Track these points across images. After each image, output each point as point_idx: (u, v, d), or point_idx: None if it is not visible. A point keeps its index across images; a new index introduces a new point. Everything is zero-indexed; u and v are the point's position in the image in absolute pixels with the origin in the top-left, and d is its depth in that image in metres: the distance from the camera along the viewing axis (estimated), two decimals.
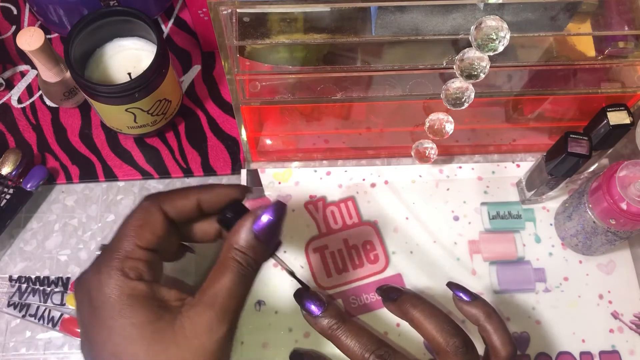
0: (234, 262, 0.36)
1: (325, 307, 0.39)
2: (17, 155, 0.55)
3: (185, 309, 0.35)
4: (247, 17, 0.42)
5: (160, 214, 0.38)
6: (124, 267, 0.35)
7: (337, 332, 0.39)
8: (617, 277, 0.53)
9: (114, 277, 0.35)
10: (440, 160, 0.56)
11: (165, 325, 0.34)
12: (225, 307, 0.35)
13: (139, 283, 0.35)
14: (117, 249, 0.36)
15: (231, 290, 0.36)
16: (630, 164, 0.45)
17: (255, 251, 0.37)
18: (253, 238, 0.37)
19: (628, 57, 0.46)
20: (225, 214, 0.40)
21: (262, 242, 0.37)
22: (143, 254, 0.36)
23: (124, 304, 0.34)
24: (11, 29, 0.63)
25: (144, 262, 0.36)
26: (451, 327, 0.39)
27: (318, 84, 0.47)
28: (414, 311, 0.40)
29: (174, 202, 0.39)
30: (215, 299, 0.35)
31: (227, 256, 0.37)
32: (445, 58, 0.44)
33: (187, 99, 0.60)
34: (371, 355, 0.38)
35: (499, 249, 0.53)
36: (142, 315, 0.34)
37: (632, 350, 0.50)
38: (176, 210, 0.39)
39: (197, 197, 0.39)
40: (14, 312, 0.51)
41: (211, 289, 0.36)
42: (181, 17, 0.64)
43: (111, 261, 0.36)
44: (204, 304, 0.35)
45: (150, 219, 0.37)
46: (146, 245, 0.37)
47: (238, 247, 0.37)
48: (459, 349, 0.38)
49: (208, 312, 0.35)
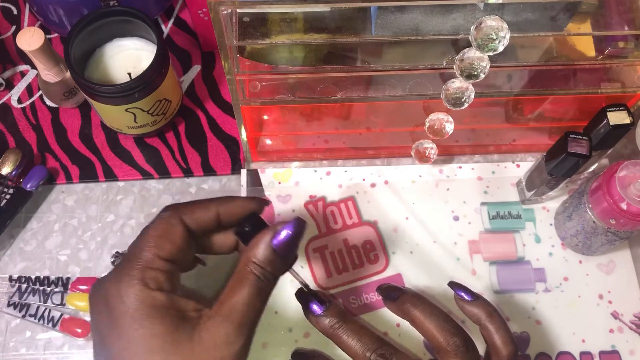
0: (252, 275, 0.37)
1: (327, 306, 0.39)
2: (17, 155, 0.55)
3: (203, 321, 0.36)
4: (247, 17, 0.42)
5: (181, 225, 0.38)
6: (144, 277, 0.35)
7: (338, 331, 0.39)
8: (617, 277, 0.53)
9: (134, 286, 0.35)
10: (440, 160, 0.56)
11: (183, 337, 0.35)
12: (242, 320, 0.36)
13: (159, 293, 0.35)
14: (137, 259, 0.36)
15: (249, 303, 0.36)
16: (630, 164, 0.45)
17: (273, 265, 0.37)
18: (272, 253, 0.37)
19: (628, 57, 0.46)
20: (243, 226, 0.40)
21: (280, 257, 0.38)
22: (163, 265, 0.36)
23: (143, 314, 0.34)
24: (11, 29, 0.63)
25: (163, 273, 0.36)
26: (451, 326, 0.39)
27: (318, 84, 0.47)
28: (414, 310, 0.40)
29: (194, 214, 0.39)
30: (233, 311, 0.36)
31: (245, 269, 0.37)
32: (445, 58, 0.44)
33: (187, 99, 0.60)
34: (373, 354, 0.38)
35: (499, 249, 0.53)
36: (161, 326, 0.34)
37: (632, 350, 0.50)
38: (196, 222, 0.39)
39: (217, 209, 0.40)
40: (14, 312, 0.51)
41: (229, 301, 0.36)
42: (181, 17, 0.64)
43: (131, 270, 0.36)
44: (222, 316, 0.36)
45: (170, 229, 0.38)
46: (166, 256, 0.37)
47: (256, 261, 0.37)
48: (459, 348, 0.38)
49: (226, 324, 0.35)
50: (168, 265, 0.37)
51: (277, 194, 0.55)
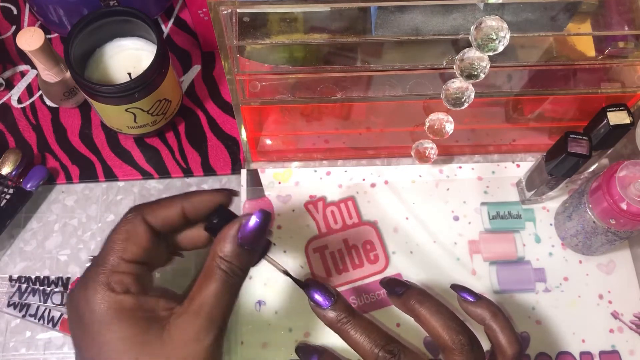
0: (219, 270, 0.36)
1: (335, 300, 0.39)
2: (17, 155, 0.55)
3: (173, 319, 0.36)
4: (247, 17, 0.42)
5: (144, 226, 0.38)
6: (110, 282, 0.36)
7: (346, 326, 0.38)
8: (617, 277, 0.53)
9: (100, 292, 0.35)
10: (440, 160, 0.56)
11: (153, 337, 0.35)
12: (211, 316, 0.36)
13: (126, 297, 0.35)
14: (102, 264, 0.37)
15: (217, 299, 0.36)
16: (630, 164, 0.45)
17: (240, 259, 0.37)
18: (237, 246, 0.37)
19: (628, 57, 0.46)
20: (211, 220, 0.40)
21: (247, 250, 0.37)
22: (129, 267, 0.37)
23: (111, 318, 0.35)
24: (11, 29, 0.63)
25: (130, 275, 0.36)
26: (457, 324, 0.39)
27: (318, 84, 0.47)
28: (420, 308, 0.40)
29: (157, 213, 0.39)
30: (202, 307, 0.36)
31: (212, 264, 0.37)
32: (445, 58, 0.44)
33: (187, 99, 0.60)
34: (381, 350, 0.37)
35: (499, 249, 0.53)
36: (129, 328, 0.35)
37: (632, 350, 0.50)
38: (160, 221, 0.39)
39: (181, 206, 0.39)
40: (14, 312, 0.51)
41: (197, 297, 0.36)
42: (181, 17, 0.64)
43: (97, 276, 0.36)
44: (190, 313, 0.36)
45: (134, 231, 0.38)
46: (131, 258, 0.37)
47: (223, 256, 0.37)
48: (464, 346, 0.38)
49: (195, 320, 0.35)
50: (134, 267, 0.37)
51: (277, 194, 0.55)
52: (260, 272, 0.52)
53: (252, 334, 0.50)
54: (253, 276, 0.51)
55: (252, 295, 0.51)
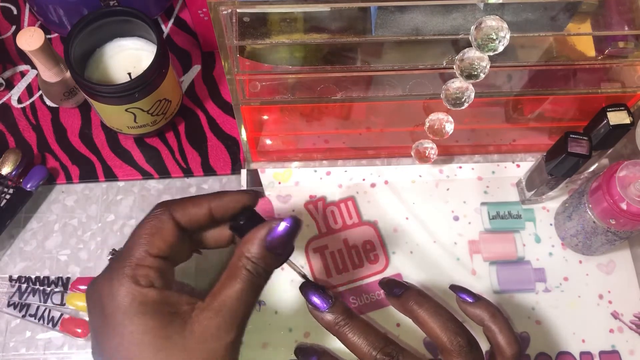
0: (245, 270, 0.37)
1: (333, 303, 0.39)
2: (17, 155, 0.55)
3: (195, 314, 0.36)
4: (247, 17, 0.42)
5: (172, 222, 0.38)
6: (135, 275, 0.36)
7: (344, 328, 0.39)
8: (617, 277, 0.53)
9: (126, 284, 0.35)
10: (440, 160, 0.56)
11: (175, 331, 0.35)
12: (233, 314, 0.36)
13: (150, 290, 0.36)
14: (128, 257, 0.37)
15: (240, 298, 0.36)
16: (630, 164, 0.45)
17: (266, 261, 0.38)
18: (265, 249, 0.37)
19: (628, 57, 0.46)
20: (237, 220, 0.40)
21: (273, 254, 0.38)
22: (154, 262, 0.37)
23: (135, 311, 0.35)
24: (11, 29, 0.63)
25: (155, 270, 0.37)
26: (456, 326, 0.39)
27: (318, 84, 0.47)
28: (418, 309, 0.40)
29: (185, 210, 0.39)
30: (224, 305, 0.36)
31: (239, 264, 0.37)
32: (445, 58, 0.44)
33: (187, 99, 0.60)
34: (379, 353, 0.38)
35: (499, 249, 0.53)
36: (152, 322, 0.35)
37: (632, 350, 0.50)
38: (188, 218, 0.39)
39: (209, 205, 0.40)
40: (14, 312, 0.51)
41: (221, 294, 0.36)
42: (181, 17, 0.64)
43: (123, 268, 0.36)
44: (213, 310, 0.36)
45: (161, 227, 0.38)
46: (157, 253, 0.37)
47: (250, 256, 0.37)
48: (463, 348, 0.38)
49: (217, 317, 0.36)
50: (159, 262, 0.37)
51: (277, 194, 0.55)
52: None
53: (252, 334, 0.50)
54: None
55: None
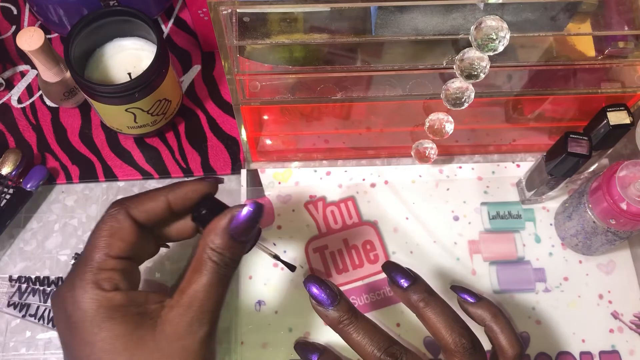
0: (210, 262, 0.36)
1: (338, 301, 0.38)
2: (17, 155, 0.55)
3: (164, 312, 0.35)
4: (247, 17, 0.42)
5: (129, 220, 0.37)
6: (97, 280, 0.35)
7: (348, 327, 0.38)
8: (617, 277, 0.53)
9: (89, 291, 0.34)
10: (440, 160, 0.56)
11: (146, 333, 0.34)
12: (204, 308, 0.35)
13: (115, 294, 0.35)
14: (88, 262, 0.36)
15: (209, 291, 0.36)
16: (630, 164, 0.45)
17: (232, 250, 0.37)
18: (229, 238, 0.36)
19: (628, 57, 0.46)
20: (199, 211, 0.39)
21: (238, 241, 0.37)
22: (116, 264, 0.36)
23: (102, 317, 0.34)
24: (11, 29, 0.63)
25: (118, 272, 0.36)
26: (460, 326, 0.39)
27: (318, 84, 0.47)
28: (425, 307, 0.39)
29: (142, 206, 0.38)
30: (193, 300, 0.35)
31: (204, 256, 0.36)
32: (445, 58, 0.44)
33: (187, 99, 0.60)
34: (383, 353, 0.37)
35: (499, 249, 0.53)
36: (121, 326, 0.34)
37: (632, 350, 0.50)
38: (145, 214, 0.38)
39: (166, 198, 0.38)
40: (14, 312, 0.51)
41: (189, 289, 0.36)
42: (181, 17, 0.64)
43: (84, 274, 0.35)
44: (182, 306, 0.35)
45: (118, 226, 0.37)
46: (118, 254, 0.36)
47: (214, 248, 0.36)
48: (467, 349, 0.38)
49: (187, 313, 0.35)
50: (122, 263, 0.36)
51: (277, 194, 0.55)
52: (260, 272, 0.52)
53: (252, 334, 0.50)
54: (253, 276, 0.51)
55: (252, 295, 0.51)
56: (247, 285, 0.51)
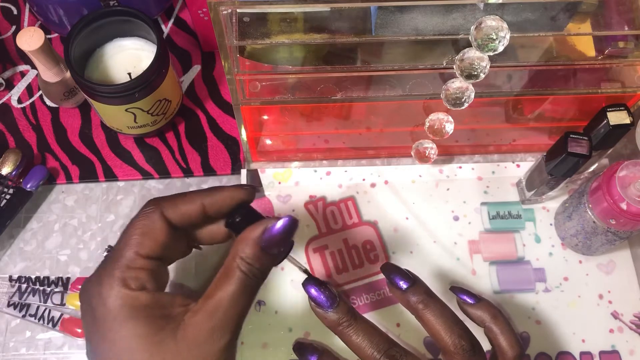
0: (239, 271, 0.36)
1: (337, 303, 0.38)
2: (17, 155, 0.55)
3: (187, 317, 0.35)
4: (247, 17, 0.41)
5: (163, 221, 0.37)
6: (125, 278, 0.35)
7: (348, 329, 0.38)
8: (617, 277, 0.53)
9: (115, 288, 0.34)
10: (440, 160, 0.56)
11: (167, 336, 0.34)
12: (227, 316, 0.35)
13: (141, 293, 0.35)
14: (118, 259, 0.35)
15: (234, 300, 0.35)
16: (630, 164, 0.45)
17: (261, 262, 0.36)
18: (260, 250, 0.36)
19: (628, 57, 0.46)
20: (233, 217, 0.39)
21: (268, 254, 0.37)
22: (145, 263, 0.36)
23: (125, 316, 0.34)
24: (11, 29, 0.63)
25: (146, 271, 0.35)
26: (460, 328, 0.39)
27: (318, 84, 0.47)
28: (424, 309, 0.39)
29: (177, 208, 0.38)
30: (218, 307, 0.35)
31: (233, 265, 0.36)
32: (445, 58, 0.44)
33: (187, 99, 0.60)
34: (382, 355, 0.37)
35: (499, 249, 0.53)
36: (144, 326, 0.34)
37: (632, 350, 0.50)
38: (180, 216, 0.38)
39: (202, 202, 0.38)
40: (14, 312, 0.51)
41: (214, 296, 0.35)
42: (181, 17, 0.64)
43: (112, 271, 0.35)
44: (206, 312, 0.35)
45: (152, 226, 0.36)
46: (148, 253, 0.36)
47: (244, 257, 0.36)
48: (466, 351, 0.38)
49: (210, 320, 0.35)
50: (151, 263, 0.36)
51: (277, 194, 0.55)
52: None
53: (252, 334, 0.50)
54: None
55: None
56: None
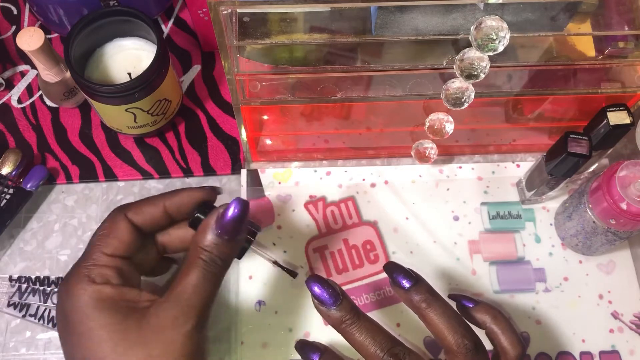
0: (199, 260, 0.37)
1: (340, 300, 0.38)
2: (17, 155, 0.55)
3: (153, 307, 0.36)
4: (247, 17, 0.42)
5: (126, 221, 0.39)
6: (90, 274, 0.37)
7: (350, 327, 0.38)
8: (617, 277, 0.53)
9: (81, 282, 0.36)
10: (440, 160, 0.56)
11: (132, 324, 0.35)
12: (190, 302, 0.36)
13: (105, 286, 0.36)
14: (85, 258, 0.38)
15: (196, 287, 0.37)
16: (630, 164, 0.45)
17: (220, 248, 0.38)
18: (216, 236, 0.37)
19: (628, 57, 0.46)
20: (194, 216, 0.40)
21: (226, 240, 0.38)
22: (110, 261, 0.38)
23: (90, 307, 0.36)
24: (11, 29, 0.63)
25: (111, 268, 0.37)
26: (463, 327, 0.39)
27: (318, 84, 0.47)
28: (427, 308, 0.39)
29: (139, 210, 0.40)
30: (181, 295, 0.36)
31: (194, 254, 0.37)
32: (445, 58, 0.44)
33: (187, 99, 0.60)
34: (386, 353, 0.37)
35: (499, 249, 0.53)
36: (108, 317, 0.35)
37: (632, 350, 0.50)
38: (142, 217, 0.40)
39: (163, 204, 0.40)
40: (14, 312, 0.51)
41: (178, 286, 0.37)
42: (181, 17, 0.64)
43: (79, 269, 0.37)
44: (169, 301, 0.36)
45: (115, 226, 0.39)
46: (112, 252, 0.38)
47: (202, 246, 0.37)
48: (469, 350, 0.38)
49: (173, 307, 0.36)
50: (117, 261, 0.38)
51: (277, 194, 0.55)
52: (260, 272, 0.52)
53: (252, 334, 0.50)
54: (253, 276, 0.51)
55: (252, 295, 0.51)
56: (247, 285, 0.51)
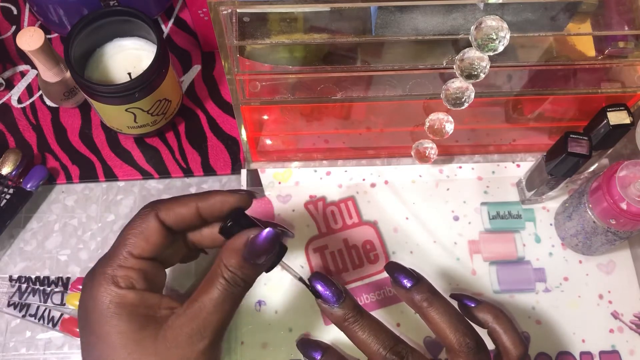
0: (222, 279, 0.36)
1: (344, 298, 0.38)
2: (17, 155, 0.55)
3: (171, 319, 0.36)
4: (247, 17, 0.42)
5: (157, 222, 0.38)
6: (115, 276, 0.36)
7: (353, 325, 0.38)
8: (617, 277, 0.53)
9: (104, 285, 0.36)
10: (440, 160, 0.56)
11: (148, 335, 0.35)
12: (207, 321, 0.36)
13: (129, 292, 0.36)
14: (112, 257, 0.37)
15: (216, 306, 0.36)
16: (630, 164, 0.45)
17: (244, 271, 0.37)
18: (242, 260, 0.37)
19: (628, 57, 0.46)
20: (225, 223, 0.39)
21: (252, 264, 0.37)
22: (136, 263, 0.37)
23: (111, 312, 0.35)
24: (11, 29, 0.63)
25: (136, 271, 0.37)
26: (464, 326, 0.39)
27: (318, 84, 0.47)
28: (428, 307, 0.39)
29: (171, 210, 0.39)
30: (199, 312, 0.36)
31: (217, 272, 0.37)
32: (445, 58, 0.44)
33: (187, 99, 0.60)
34: (388, 352, 0.37)
35: (499, 249, 0.53)
36: (127, 324, 0.35)
37: (632, 350, 0.50)
38: (174, 218, 0.39)
39: (196, 205, 0.39)
40: (14, 312, 0.51)
41: (197, 301, 0.36)
42: (181, 17, 0.64)
43: (105, 269, 0.37)
44: (187, 316, 0.36)
45: (146, 227, 0.38)
46: (140, 254, 0.37)
47: (227, 265, 0.37)
48: (471, 349, 0.38)
49: (190, 324, 0.36)
50: (142, 263, 0.37)
51: (277, 194, 0.55)
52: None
53: (252, 334, 0.50)
54: None
55: (252, 295, 0.51)
56: None
